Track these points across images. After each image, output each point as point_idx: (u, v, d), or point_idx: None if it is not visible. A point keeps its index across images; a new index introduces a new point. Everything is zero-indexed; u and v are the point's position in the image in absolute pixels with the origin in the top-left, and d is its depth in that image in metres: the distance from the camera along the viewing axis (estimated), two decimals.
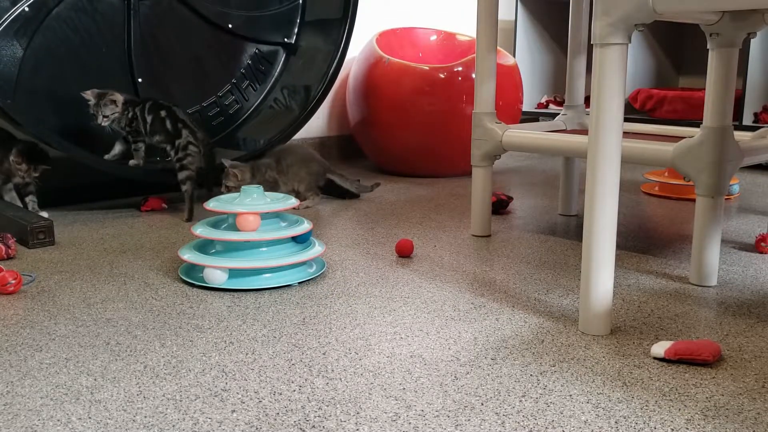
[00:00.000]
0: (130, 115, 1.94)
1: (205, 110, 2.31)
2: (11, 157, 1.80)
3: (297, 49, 2.43)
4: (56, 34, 2.01)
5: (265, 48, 2.40)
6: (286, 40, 2.43)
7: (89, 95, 1.91)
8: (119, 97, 1.92)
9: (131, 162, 1.97)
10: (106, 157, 1.98)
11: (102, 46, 2.09)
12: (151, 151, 2.03)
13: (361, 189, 2.16)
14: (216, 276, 1.31)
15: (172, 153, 1.91)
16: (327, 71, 2.30)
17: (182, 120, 1.92)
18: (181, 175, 1.87)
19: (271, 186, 2.00)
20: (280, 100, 2.39)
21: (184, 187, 1.87)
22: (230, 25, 2.30)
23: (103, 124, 1.91)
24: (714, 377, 0.97)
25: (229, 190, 1.92)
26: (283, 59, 2.44)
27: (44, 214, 1.78)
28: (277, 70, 2.42)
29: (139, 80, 2.17)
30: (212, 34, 2.28)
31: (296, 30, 2.44)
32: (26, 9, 1.93)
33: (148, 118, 1.93)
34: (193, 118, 2.00)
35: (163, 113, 1.92)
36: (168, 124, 1.92)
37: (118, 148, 1.99)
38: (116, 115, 1.92)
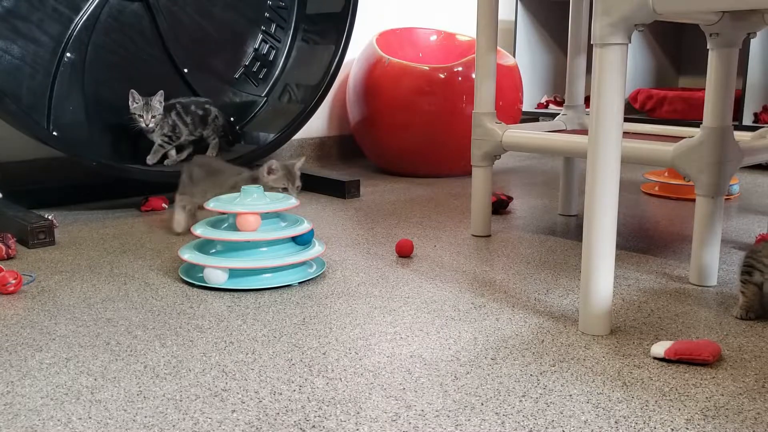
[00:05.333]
0: (171, 121, 2.09)
1: (249, 68, 2.37)
2: None
3: None
4: (100, 63, 2.07)
5: None
6: None
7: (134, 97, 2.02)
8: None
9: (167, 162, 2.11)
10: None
11: (141, 54, 2.14)
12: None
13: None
14: (216, 276, 1.31)
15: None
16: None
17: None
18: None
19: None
20: (309, 29, 2.42)
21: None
22: None
23: (150, 125, 2.03)
24: (714, 377, 0.97)
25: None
26: None
27: None
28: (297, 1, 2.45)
29: (185, 70, 2.22)
30: None
31: None
32: (69, 55, 1.99)
33: (187, 119, 2.11)
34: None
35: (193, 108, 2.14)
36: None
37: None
38: (160, 115, 2.05)
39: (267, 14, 2.39)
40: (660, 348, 1.02)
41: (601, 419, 0.85)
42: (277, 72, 2.43)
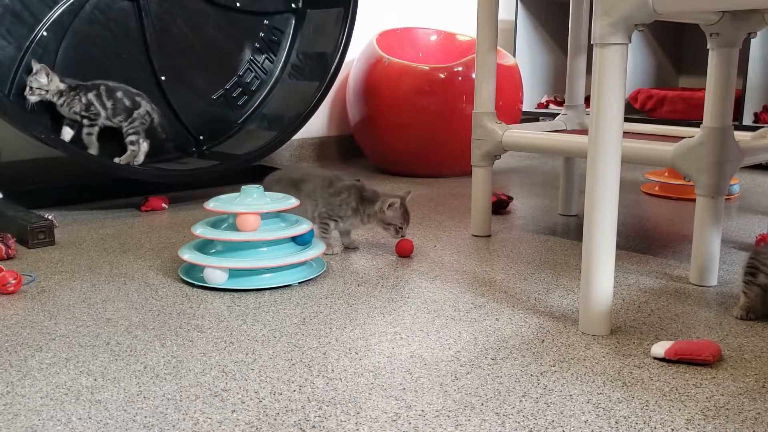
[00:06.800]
0: (84, 100, 1.97)
1: (229, 92, 2.34)
2: None
3: (305, 13, 2.43)
4: (77, 51, 2.04)
5: (275, 18, 2.41)
6: (293, 5, 2.43)
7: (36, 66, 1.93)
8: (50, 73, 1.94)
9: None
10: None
11: (121, 52, 2.12)
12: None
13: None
14: (216, 276, 1.31)
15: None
16: (340, 34, 2.28)
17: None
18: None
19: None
20: (297, 66, 2.40)
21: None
22: (237, 4, 2.31)
23: (29, 98, 1.90)
24: (714, 377, 0.97)
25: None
26: (293, 25, 2.44)
27: None
28: (289, 37, 2.43)
29: (162, 78, 2.19)
30: (222, 16, 2.30)
31: None
32: (44, 33, 1.96)
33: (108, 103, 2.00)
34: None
35: (119, 94, 2.02)
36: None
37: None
38: (42, 91, 1.93)
39: (257, 45, 2.37)
40: (660, 348, 1.02)
41: (601, 419, 0.85)
42: (257, 103, 2.39)
